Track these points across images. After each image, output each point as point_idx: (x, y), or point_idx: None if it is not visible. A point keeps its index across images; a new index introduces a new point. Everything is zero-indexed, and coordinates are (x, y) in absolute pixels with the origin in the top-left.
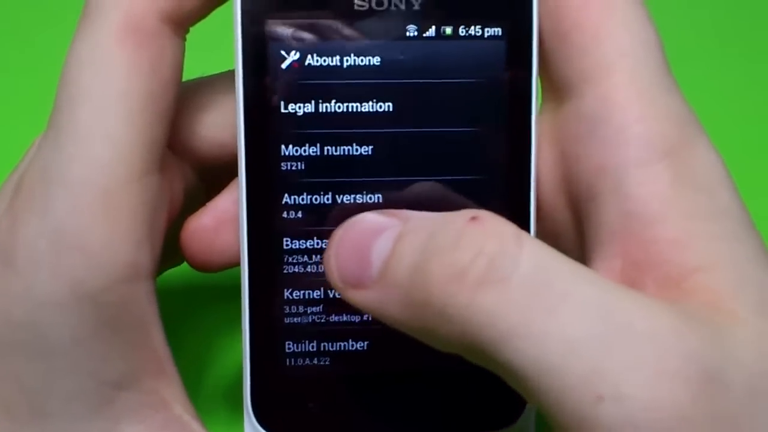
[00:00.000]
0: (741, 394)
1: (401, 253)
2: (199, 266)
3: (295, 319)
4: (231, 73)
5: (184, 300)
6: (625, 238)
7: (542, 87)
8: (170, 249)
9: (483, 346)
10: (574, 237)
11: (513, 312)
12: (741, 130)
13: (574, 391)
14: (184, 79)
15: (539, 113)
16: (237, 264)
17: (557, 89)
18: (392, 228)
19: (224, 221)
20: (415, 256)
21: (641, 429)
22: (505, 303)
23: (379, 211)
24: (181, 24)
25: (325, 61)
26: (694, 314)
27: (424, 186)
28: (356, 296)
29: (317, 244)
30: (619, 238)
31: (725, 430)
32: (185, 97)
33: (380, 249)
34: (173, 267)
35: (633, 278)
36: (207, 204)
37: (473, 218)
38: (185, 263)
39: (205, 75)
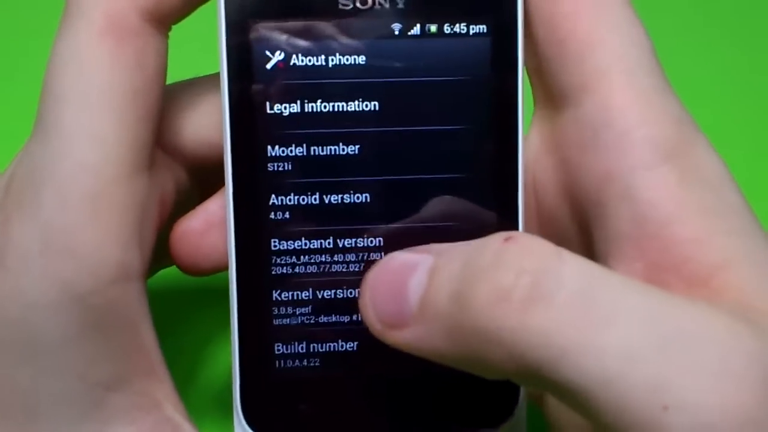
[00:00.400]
0: None
1: (439, 284)
2: (187, 269)
3: (284, 321)
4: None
5: (175, 301)
6: (642, 240)
7: (536, 95)
8: (162, 249)
9: (537, 366)
10: (578, 243)
11: (566, 329)
12: (731, 134)
13: (638, 402)
14: (170, 81)
15: (530, 118)
16: (225, 268)
17: (553, 97)
18: (424, 262)
19: (213, 224)
20: (454, 285)
21: None
22: (556, 320)
23: (408, 249)
24: (162, 21)
25: (310, 60)
26: (738, 313)
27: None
28: (398, 337)
29: (305, 244)
30: (636, 242)
31: None
32: (175, 97)
33: (416, 284)
34: (165, 267)
35: (658, 280)
36: (197, 207)
37: (507, 239)
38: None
39: (195, 76)
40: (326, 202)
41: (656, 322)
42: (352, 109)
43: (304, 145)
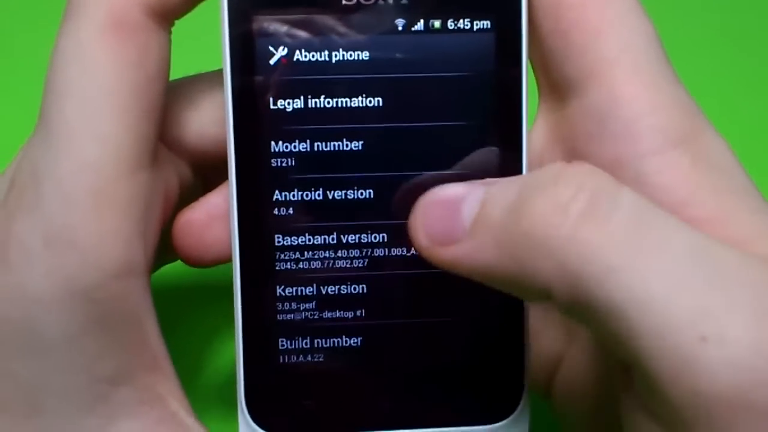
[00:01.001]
0: None
1: (495, 200)
2: (189, 260)
3: (288, 316)
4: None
5: (179, 297)
6: None
7: (540, 88)
8: (166, 245)
9: (584, 280)
10: None
11: (617, 247)
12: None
13: (677, 330)
14: (173, 77)
15: (534, 112)
16: (227, 260)
17: (559, 88)
18: (479, 189)
19: (215, 216)
20: (510, 201)
21: (742, 370)
22: (608, 238)
23: (463, 182)
24: (165, 17)
25: (313, 56)
26: None
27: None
28: (446, 253)
29: (309, 240)
30: None
31: None
32: (178, 94)
33: (471, 204)
34: (170, 263)
35: None
36: (200, 199)
37: (570, 162)
38: (179, 261)
39: (198, 73)
40: (330, 198)
41: (702, 258)
42: (356, 104)
43: (308, 141)
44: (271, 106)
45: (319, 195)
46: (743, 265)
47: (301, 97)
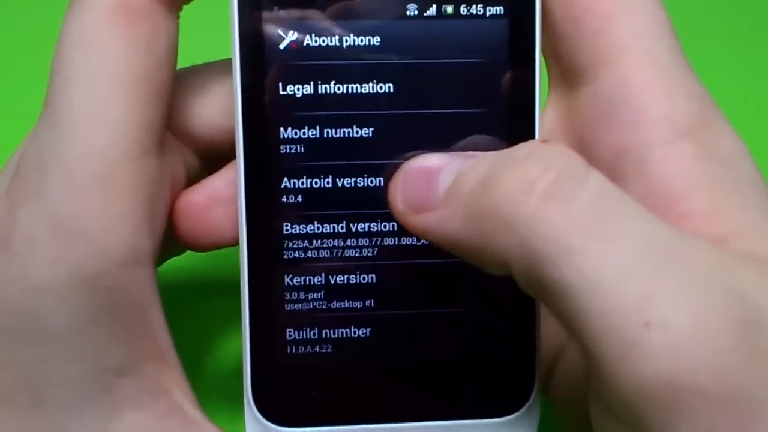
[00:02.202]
0: None
1: (468, 173)
2: (188, 243)
3: (296, 306)
4: (230, 59)
5: (185, 288)
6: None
7: (550, 74)
8: (174, 236)
9: (540, 257)
10: None
11: (576, 229)
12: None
13: (623, 314)
14: (181, 64)
15: (545, 99)
16: (226, 244)
17: (570, 75)
18: (458, 161)
19: (217, 200)
20: (483, 174)
21: (681, 355)
22: (568, 219)
23: (444, 153)
24: (173, 2)
25: (324, 41)
26: (742, 260)
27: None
28: (419, 220)
29: (318, 228)
30: None
31: (762, 367)
32: (186, 82)
33: (447, 175)
34: (177, 255)
35: None
36: (201, 181)
37: (543, 141)
38: (187, 252)
39: (207, 62)
40: (339, 185)
41: (655, 247)
42: (366, 90)
43: (317, 128)
44: (281, 92)
45: (328, 182)
46: (695, 256)
47: (311, 83)
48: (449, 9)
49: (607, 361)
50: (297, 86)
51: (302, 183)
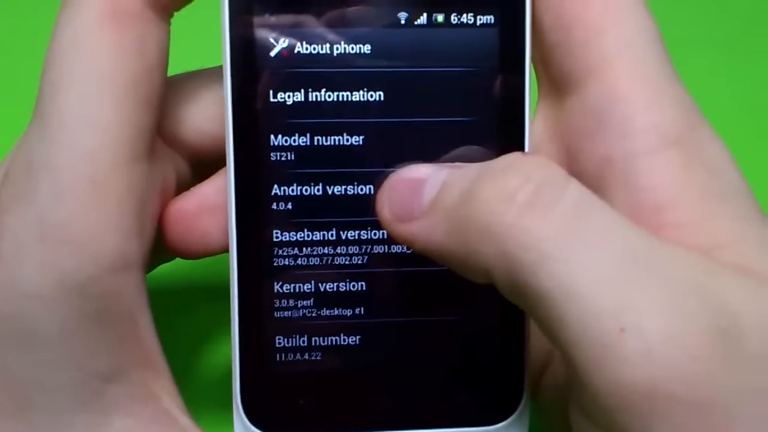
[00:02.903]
0: (757, 345)
1: (451, 185)
2: (177, 251)
3: (286, 313)
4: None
5: (174, 295)
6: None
7: (540, 83)
8: (162, 242)
9: (519, 266)
10: None
11: (554, 237)
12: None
13: (599, 320)
14: (173, 71)
15: (534, 109)
16: (216, 252)
17: (558, 84)
18: (443, 173)
19: (206, 207)
20: (465, 185)
21: (656, 361)
22: (547, 228)
23: (431, 164)
24: (164, 8)
25: (314, 49)
26: (721, 269)
27: None
28: (403, 229)
29: (308, 236)
30: None
31: (737, 376)
32: (177, 89)
33: (432, 185)
34: (166, 262)
35: None
36: (191, 189)
37: (524, 154)
38: (176, 258)
39: (198, 69)
40: (329, 193)
41: (632, 255)
42: (357, 98)
43: (308, 135)
44: (271, 99)
45: (318, 190)
46: (673, 263)
47: (302, 91)
48: (440, 18)
49: (584, 367)
50: (288, 94)
51: (292, 190)
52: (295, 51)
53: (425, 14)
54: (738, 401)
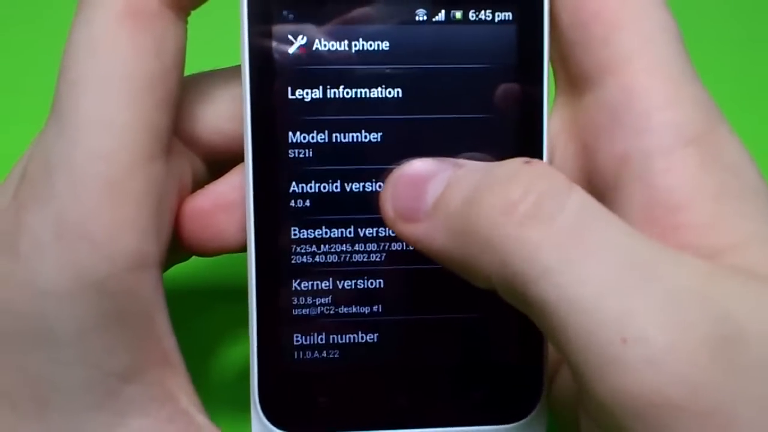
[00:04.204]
0: (760, 351)
1: (454, 189)
2: (194, 248)
3: (304, 311)
4: (240, 65)
5: (191, 294)
6: (650, 225)
7: (557, 80)
8: (179, 241)
9: (520, 278)
10: None
11: (554, 248)
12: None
13: (602, 330)
14: (190, 70)
15: (551, 106)
16: (231, 249)
17: (576, 81)
18: (447, 170)
19: (222, 205)
20: (468, 191)
21: (659, 370)
22: (547, 240)
23: (435, 158)
24: (182, 7)
25: (333, 45)
26: (726, 275)
27: None
28: (407, 229)
29: (326, 233)
30: (643, 226)
31: (739, 383)
32: (194, 88)
33: (435, 187)
34: (183, 260)
35: None
36: (206, 186)
37: (527, 161)
38: (192, 258)
39: (215, 68)
40: (348, 190)
41: (634, 263)
42: (375, 95)
43: (326, 132)
44: (290, 96)
45: (336, 187)
46: (676, 272)
47: (320, 87)
48: (458, 14)
49: (587, 375)
50: (306, 90)
51: (310, 187)
52: (314, 48)
53: (443, 11)
54: (740, 408)
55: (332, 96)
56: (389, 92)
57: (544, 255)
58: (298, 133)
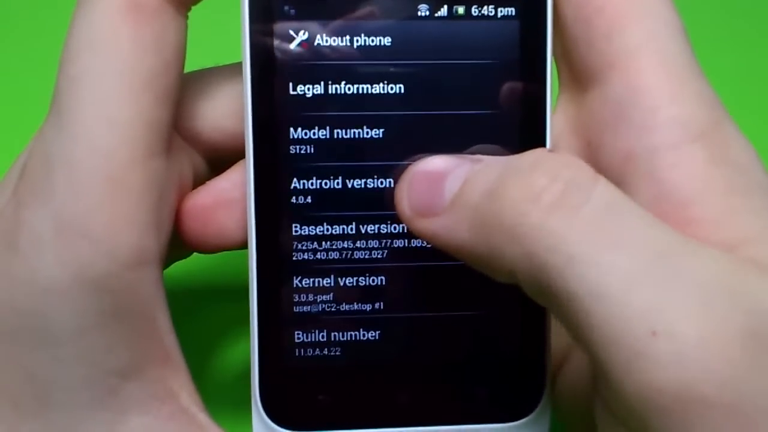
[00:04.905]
0: None
1: (474, 181)
2: (195, 245)
3: (305, 308)
4: (241, 62)
5: (191, 291)
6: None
7: (561, 76)
8: (179, 238)
9: (546, 268)
10: None
11: (581, 239)
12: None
13: (629, 323)
14: (191, 66)
15: (554, 103)
16: (232, 246)
17: (580, 77)
18: (464, 166)
19: (222, 201)
20: (489, 183)
21: (689, 365)
22: (574, 229)
23: (451, 155)
24: (182, 2)
25: (334, 41)
26: (750, 269)
27: None
28: (425, 224)
29: (327, 230)
30: None
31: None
32: (194, 84)
33: (453, 181)
34: (183, 257)
35: None
36: (207, 183)
37: (550, 151)
38: (193, 255)
39: (216, 65)
40: (349, 186)
41: (662, 256)
42: (377, 91)
43: (328, 128)
44: (291, 92)
45: (338, 183)
46: (703, 264)
47: (322, 83)
48: (460, 10)
49: (613, 370)
50: (307, 86)
51: (312, 184)
52: (315, 43)
53: (446, 6)
54: None
55: (334, 92)
56: (391, 88)
57: (570, 245)
58: (299, 129)
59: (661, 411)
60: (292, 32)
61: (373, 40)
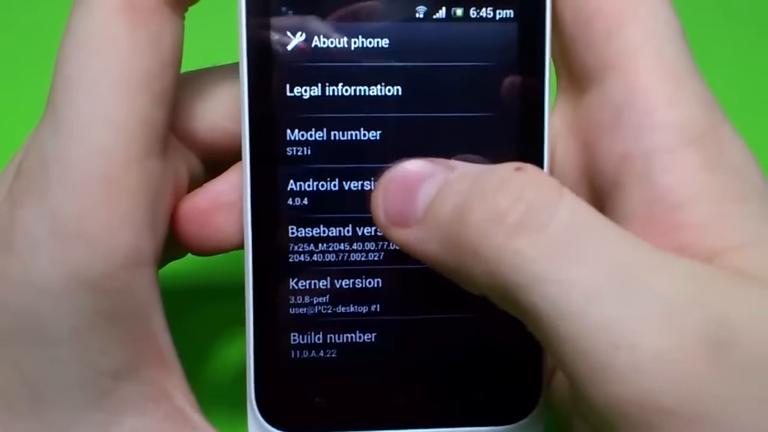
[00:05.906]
0: (752, 354)
1: (445, 196)
2: (191, 247)
3: (301, 310)
4: (237, 63)
5: (187, 292)
6: (650, 225)
7: (559, 77)
8: (174, 239)
9: (510, 288)
10: None
11: (542, 258)
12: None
13: (592, 337)
14: (187, 67)
15: (553, 104)
16: (229, 248)
17: (578, 78)
18: (438, 174)
19: (219, 204)
20: (458, 199)
21: (649, 377)
22: (536, 249)
23: (427, 159)
24: (179, 3)
25: (332, 42)
26: (723, 278)
27: None
28: (399, 234)
29: (324, 232)
30: (643, 226)
31: (731, 387)
32: (191, 85)
33: (426, 192)
34: (179, 257)
35: None
36: (204, 185)
37: (518, 168)
38: (188, 255)
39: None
40: (346, 188)
41: (625, 271)
42: (374, 93)
43: (324, 130)
44: (288, 93)
45: (335, 185)
46: (668, 277)
47: (319, 85)
48: (458, 12)
49: (579, 382)
50: (304, 88)
51: (308, 186)
52: (312, 45)
53: (444, 8)
54: (732, 411)
55: (331, 93)
56: (388, 90)
57: (533, 265)
58: (296, 130)
59: (627, 420)
60: (289, 33)
61: (370, 42)
